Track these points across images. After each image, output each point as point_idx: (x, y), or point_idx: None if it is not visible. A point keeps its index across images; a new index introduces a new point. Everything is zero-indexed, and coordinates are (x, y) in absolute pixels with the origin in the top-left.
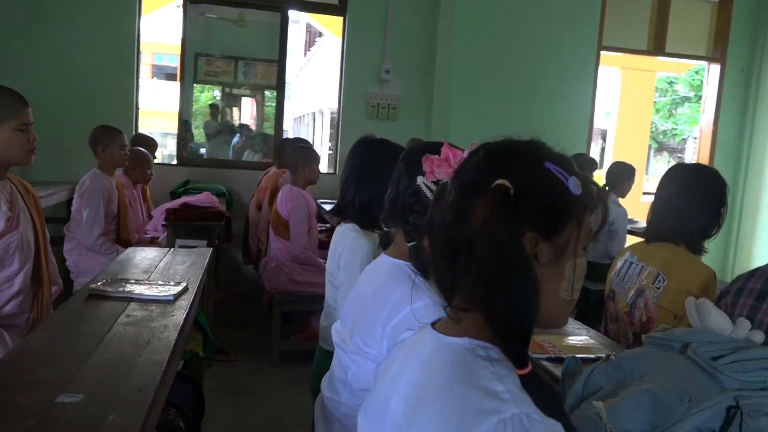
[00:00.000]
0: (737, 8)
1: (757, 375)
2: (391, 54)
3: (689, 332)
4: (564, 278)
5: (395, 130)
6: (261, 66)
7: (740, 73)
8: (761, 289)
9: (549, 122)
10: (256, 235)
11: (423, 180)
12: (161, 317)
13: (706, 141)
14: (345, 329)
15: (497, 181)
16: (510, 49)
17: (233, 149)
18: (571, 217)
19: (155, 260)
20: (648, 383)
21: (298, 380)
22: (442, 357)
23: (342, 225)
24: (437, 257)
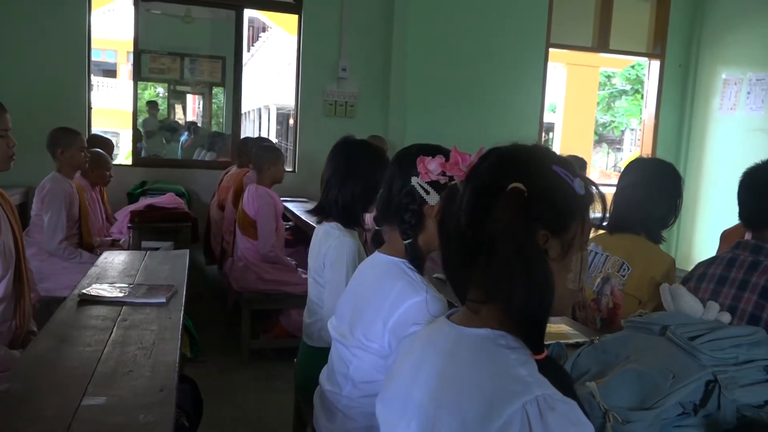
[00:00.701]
0: (674, 7)
1: (730, 352)
2: (348, 52)
3: (665, 315)
4: (570, 270)
5: (353, 127)
6: (207, 63)
7: (678, 68)
8: (721, 274)
9: (502, 117)
10: (219, 235)
11: (417, 180)
12: (159, 320)
13: (649, 133)
14: (343, 325)
15: (513, 184)
16: (463, 46)
17: (182, 148)
18: (576, 215)
19: (135, 264)
20: (633, 363)
21: (270, 377)
22: (465, 347)
23: (324, 224)
24: (452, 255)
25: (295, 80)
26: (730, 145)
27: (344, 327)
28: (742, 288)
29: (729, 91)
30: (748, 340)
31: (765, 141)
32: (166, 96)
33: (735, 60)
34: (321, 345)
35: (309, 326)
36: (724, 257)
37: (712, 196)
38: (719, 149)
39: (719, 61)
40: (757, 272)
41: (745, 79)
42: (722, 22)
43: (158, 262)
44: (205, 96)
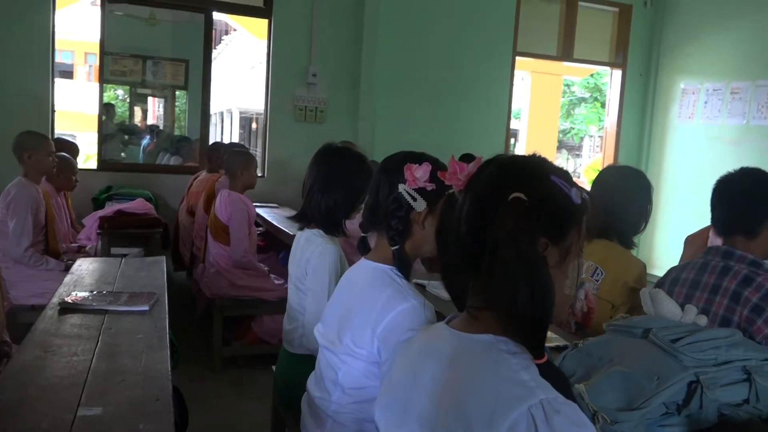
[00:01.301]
0: (635, 18)
1: (710, 353)
2: (318, 57)
3: (646, 319)
4: (568, 277)
5: (323, 132)
6: (171, 65)
7: (639, 77)
8: (694, 279)
9: (470, 123)
10: (189, 240)
11: (404, 187)
12: (144, 328)
13: (611, 140)
14: (331, 331)
15: (514, 194)
16: (432, 53)
17: (143, 152)
18: (574, 224)
19: (111, 271)
20: (618, 366)
21: (243, 384)
22: (467, 353)
23: (306, 230)
24: (452, 262)
25: (265, 85)
26: (689, 153)
27: (332, 334)
28: (714, 292)
29: (687, 100)
30: (727, 342)
31: (722, 149)
32: (126, 99)
33: (693, 70)
34: (302, 352)
35: (289, 333)
36: (696, 262)
37: (672, 202)
38: (678, 156)
39: (678, 72)
40: (727, 277)
41: (702, 89)
42: (681, 34)
43: (135, 269)
44: (167, 99)
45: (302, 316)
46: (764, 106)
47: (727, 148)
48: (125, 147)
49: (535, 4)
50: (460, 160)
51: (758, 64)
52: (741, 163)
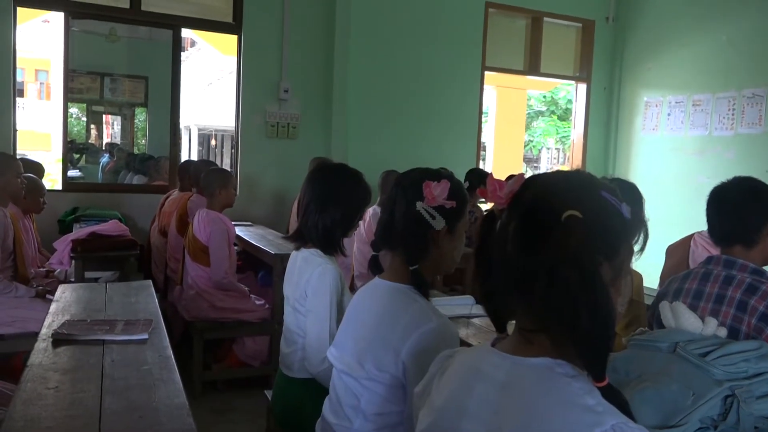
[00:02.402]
0: (598, 34)
1: (741, 366)
2: (289, 73)
3: (667, 333)
4: (620, 294)
5: (295, 148)
6: (129, 82)
7: (603, 91)
8: (697, 289)
9: (442, 137)
10: (162, 262)
11: (422, 205)
12: (149, 358)
13: (578, 152)
14: (347, 355)
15: (569, 212)
16: (404, 68)
17: (102, 171)
18: (624, 240)
19: (97, 298)
20: (648, 382)
21: (225, 410)
22: (523, 378)
23: (303, 250)
24: (497, 284)
25: (236, 101)
26: (653, 164)
27: (349, 358)
28: (719, 302)
29: (651, 112)
30: (756, 354)
31: (685, 159)
32: (81, 117)
33: (655, 84)
34: (302, 376)
35: (287, 356)
36: (698, 272)
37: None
38: (643, 167)
39: (641, 85)
40: (731, 286)
41: (665, 102)
42: (642, 48)
43: (123, 294)
44: (126, 117)
45: (302, 338)
46: (725, 117)
47: (691, 158)
48: (72, 166)
49: (502, 20)
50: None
51: (717, 77)
52: (704, 172)
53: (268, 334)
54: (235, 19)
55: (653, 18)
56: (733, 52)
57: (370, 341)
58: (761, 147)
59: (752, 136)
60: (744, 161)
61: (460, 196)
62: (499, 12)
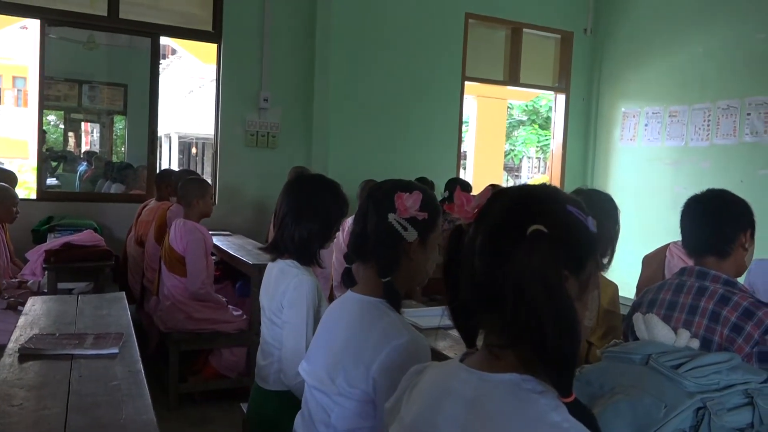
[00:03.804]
0: (576, 45)
1: (713, 378)
2: (269, 82)
3: (641, 345)
4: (587, 308)
5: (275, 157)
6: (108, 90)
7: (582, 102)
8: (671, 300)
9: (422, 146)
10: (139, 272)
11: (394, 217)
12: (119, 373)
13: (557, 162)
14: (319, 370)
15: (534, 227)
16: (384, 78)
17: (80, 179)
18: (591, 254)
19: (68, 310)
20: (621, 394)
21: (203, 422)
22: (491, 394)
23: (279, 261)
24: (465, 300)
25: (215, 110)
26: (631, 173)
27: (320, 372)
28: (692, 313)
29: (629, 123)
30: (727, 366)
31: (662, 169)
32: (58, 125)
33: (633, 95)
34: (278, 388)
35: (263, 368)
36: (672, 283)
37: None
38: (621, 177)
39: (619, 96)
40: (704, 297)
41: (642, 113)
42: (620, 60)
43: (94, 307)
44: (104, 125)
45: (278, 350)
46: (700, 128)
47: (667, 168)
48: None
49: (482, 31)
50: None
51: (693, 89)
52: (680, 182)
53: (246, 345)
54: (215, 27)
55: (630, 30)
56: (709, 65)
57: (341, 356)
58: (736, 157)
59: (727, 147)
60: (719, 171)
61: (432, 207)
62: (479, 23)
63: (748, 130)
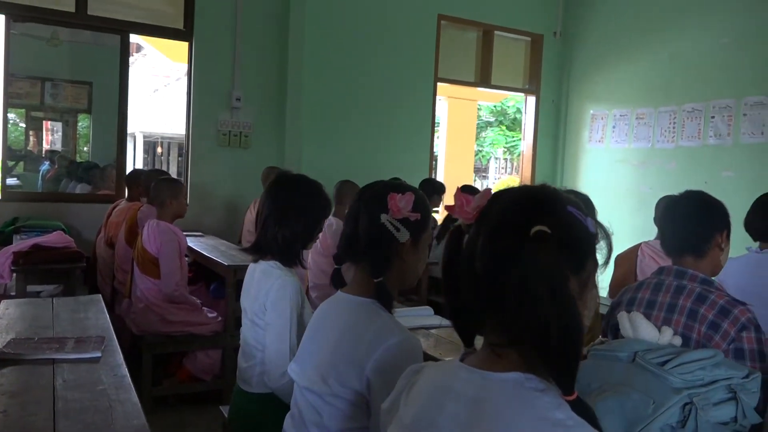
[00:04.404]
0: (546, 48)
1: (698, 374)
2: (242, 81)
3: (625, 343)
4: (587, 307)
5: (248, 157)
6: (72, 88)
7: (552, 103)
8: (650, 298)
9: (395, 147)
10: (109, 274)
11: (387, 217)
12: (104, 377)
13: (528, 163)
14: (310, 371)
15: (537, 227)
16: (358, 78)
17: (42, 179)
18: (590, 254)
19: (43, 314)
20: (610, 392)
21: (178, 426)
22: (495, 394)
23: (262, 262)
24: (465, 300)
25: (186, 110)
26: (600, 174)
27: (312, 373)
28: (671, 311)
29: (597, 125)
30: (711, 362)
31: (629, 170)
32: (18, 123)
33: (601, 97)
34: (260, 390)
35: (246, 371)
36: (650, 282)
37: None
38: (590, 177)
39: (587, 98)
40: (682, 296)
41: (610, 115)
42: (588, 63)
43: (71, 310)
44: (68, 123)
45: (260, 352)
46: (666, 130)
47: (635, 169)
48: (21, 174)
49: (454, 33)
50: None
51: (659, 92)
52: (647, 183)
53: (221, 347)
54: (186, 25)
55: (599, 34)
56: (674, 69)
57: (334, 357)
58: (700, 159)
59: (692, 149)
60: (684, 172)
61: (424, 208)
62: (451, 24)
63: (712, 133)
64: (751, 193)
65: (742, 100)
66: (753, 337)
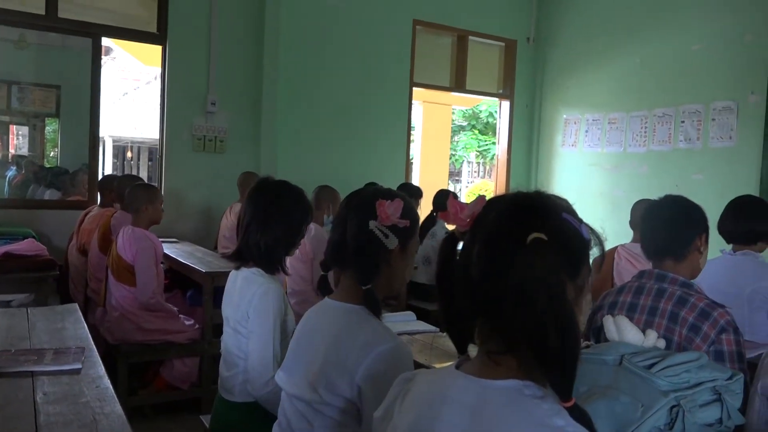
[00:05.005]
0: (520, 53)
1: (684, 377)
2: (217, 86)
3: (610, 346)
4: (582, 313)
5: (223, 162)
6: (40, 92)
7: (525, 108)
8: (631, 302)
9: (371, 151)
10: (82, 282)
11: (375, 224)
12: (86, 390)
13: (502, 167)
14: (299, 379)
15: (534, 234)
16: (333, 83)
17: (9, 185)
18: (585, 260)
19: (18, 324)
20: (598, 396)
21: None
22: (492, 401)
23: (243, 269)
24: (461, 307)
25: (160, 114)
26: (573, 178)
27: (300, 382)
28: (652, 314)
29: (570, 129)
30: (696, 364)
31: (602, 174)
32: None
33: (574, 102)
34: (243, 399)
35: (228, 380)
36: (632, 285)
37: None
38: (564, 181)
39: (560, 103)
40: (663, 299)
41: (583, 119)
42: (561, 68)
43: (47, 319)
44: (35, 127)
45: (243, 361)
46: (638, 135)
47: (607, 173)
48: None
49: (429, 38)
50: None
51: (631, 97)
52: (620, 187)
53: (199, 355)
54: (160, 29)
55: (571, 40)
56: (646, 74)
57: (323, 364)
58: (671, 163)
59: (663, 153)
60: (656, 176)
61: (412, 215)
62: (426, 30)
63: (682, 137)
64: (720, 196)
65: (711, 105)
66: (732, 339)
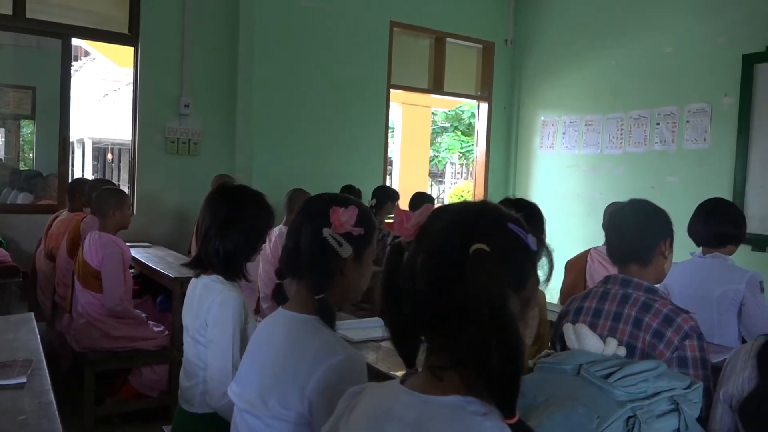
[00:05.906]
0: (497, 55)
1: (641, 386)
2: (190, 87)
3: (571, 354)
4: (528, 326)
5: (197, 165)
6: (14, 93)
7: (503, 110)
8: (596, 307)
9: (349, 154)
10: (50, 288)
11: (329, 232)
12: (26, 406)
13: (481, 169)
14: (250, 392)
15: (476, 246)
16: (310, 83)
17: None
18: (532, 272)
19: None
20: (555, 406)
21: None
22: (434, 418)
23: (203, 277)
24: (405, 320)
25: (132, 116)
26: (551, 180)
27: (252, 395)
28: (617, 320)
29: (547, 131)
30: (654, 373)
31: (579, 176)
32: None
33: (551, 104)
34: (203, 410)
35: (187, 390)
36: (597, 291)
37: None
38: (541, 183)
39: (538, 105)
40: (627, 304)
41: (560, 121)
42: (538, 70)
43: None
44: (10, 130)
45: (202, 371)
46: (614, 137)
47: (584, 175)
48: None
49: (407, 39)
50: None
51: (607, 99)
52: (597, 188)
53: (168, 362)
54: (132, 30)
55: (548, 42)
56: (621, 76)
57: (274, 377)
58: (646, 164)
59: (638, 155)
60: (632, 178)
61: (368, 222)
62: (403, 31)
63: (657, 139)
64: (695, 197)
65: (685, 108)
66: (696, 345)
